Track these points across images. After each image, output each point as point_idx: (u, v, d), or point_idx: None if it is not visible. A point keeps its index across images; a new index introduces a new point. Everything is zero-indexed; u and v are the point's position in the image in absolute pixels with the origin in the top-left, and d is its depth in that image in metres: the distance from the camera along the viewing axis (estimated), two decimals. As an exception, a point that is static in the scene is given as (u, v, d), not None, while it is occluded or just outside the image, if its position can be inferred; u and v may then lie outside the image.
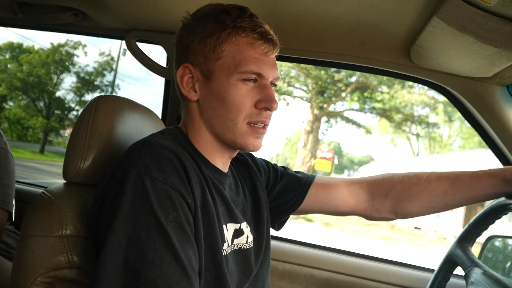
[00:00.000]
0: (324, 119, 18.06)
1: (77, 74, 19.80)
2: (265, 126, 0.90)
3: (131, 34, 1.56)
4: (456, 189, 1.03)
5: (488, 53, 1.12)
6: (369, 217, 1.16)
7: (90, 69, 19.73)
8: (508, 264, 1.63)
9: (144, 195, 0.72)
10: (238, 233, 0.95)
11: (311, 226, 13.64)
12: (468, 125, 1.54)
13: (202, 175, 0.85)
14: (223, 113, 0.87)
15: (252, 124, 0.88)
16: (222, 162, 0.95)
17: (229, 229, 0.91)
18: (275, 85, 0.93)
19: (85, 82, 19.87)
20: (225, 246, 0.88)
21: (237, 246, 0.94)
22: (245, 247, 0.96)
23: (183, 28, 0.92)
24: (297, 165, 17.09)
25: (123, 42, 1.58)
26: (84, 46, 19.63)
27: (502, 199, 1.03)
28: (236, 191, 1.02)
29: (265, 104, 0.87)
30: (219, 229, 0.85)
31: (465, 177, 1.02)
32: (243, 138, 0.88)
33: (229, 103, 0.86)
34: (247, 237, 0.98)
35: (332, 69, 15.22)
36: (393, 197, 1.10)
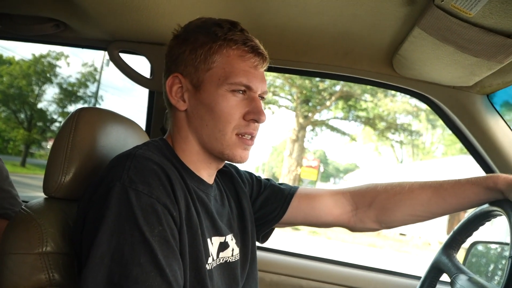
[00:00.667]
0: (309, 127, 18.15)
1: (60, 85, 19.53)
2: (252, 137, 0.91)
3: (114, 44, 1.54)
4: (440, 197, 1.03)
5: (469, 63, 1.14)
6: (353, 228, 1.16)
7: (73, 80, 19.46)
8: (491, 269, 1.64)
9: (128, 208, 0.70)
10: (223, 246, 0.93)
11: (298, 234, 13.62)
12: (450, 132, 1.57)
13: (186, 188, 0.84)
14: (212, 123, 0.87)
15: (240, 136, 0.88)
16: (208, 173, 0.94)
17: (214, 243, 0.90)
18: (263, 98, 0.94)
19: (68, 93, 19.59)
20: (210, 260, 0.86)
21: (222, 260, 0.93)
22: (230, 260, 0.95)
23: (174, 39, 0.92)
24: (283, 174, 17.10)
25: (106, 52, 1.57)
26: (67, 56, 19.41)
27: (485, 206, 1.04)
28: (222, 203, 1.01)
29: (254, 116, 0.88)
30: (203, 243, 0.84)
31: (448, 185, 1.03)
32: (231, 149, 0.88)
33: (218, 114, 0.86)
34: (233, 249, 0.96)
35: (317, 79, 15.35)
36: (376, 207, 1.10)
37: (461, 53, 1.08)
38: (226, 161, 0.94)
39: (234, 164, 1.08)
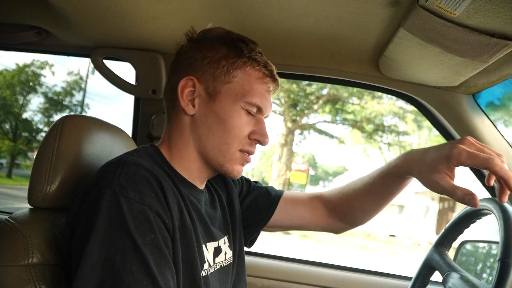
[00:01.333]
0: (297, 131, 18.22)
1: (45, 94, 19.31)
2: (252, 155, 0.93)
3: (97, 51, 1.52)
4: (377, 195, 1.04)
5: (454, 63, 1.15)
6: (333, 230, 1.18)
7: (58, 89, 19.29)
8: (479, 267, 1.66)
9: (119, 216, 0.69)
10: (217, 251, 0.93)
11: (289, 239, 13.62)
12: (437, 133, 1.58)
13: (180, 194, 0.83)
14: (220, 134, 0.87)
15: (242, 152, 0.90)
16: (200, 180, 0.94)
17: (209, 249, 0.89)
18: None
19: (54, 102, 19.37)
20: (206, 266, 0.86)
21: (219, 265, 0.92)
22: (224, 264, 0.95)
23: (191, 42, 0.92)
24: (273, 179, 17.09)
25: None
26: (51, 65, 19.23)
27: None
28: (213, 206, 1.00)
29: (259, 137, 0.91)
30: (198, 250, 0.83)
31: (378, 182, 1.02)
32: (231, 163, 0.90)
33: (229, 127, 0.87)
34: (225, 253, 0.96)
35: (304, 82, 15.43)
36: (338, 210, 1.13)
37: (446, 53, 1.09)
38: (220, 173, 0.94)
39: None
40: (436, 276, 1.23)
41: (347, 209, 1.11)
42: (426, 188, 0.86)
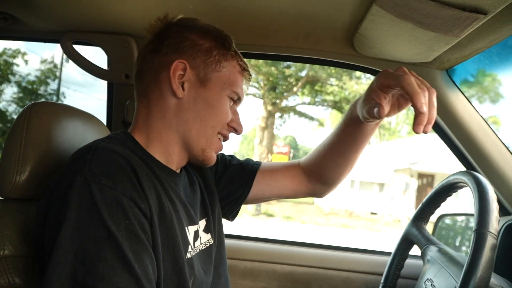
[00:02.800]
0: (277, 114, 18.25)
1: (18, 83, 18.69)
2: (225, 141, 0.99)
3: (66, 36, 1.47)
4: (345, 147, 1.07)
5: (427, 38, 1.15)
6: (315, 194, 1.21)
7: (32, 78, 18.65)
8: (458, 240, 1.70)
9: (91, 203, 0.67)
10: (196, 235, 0.93)
11: (272, 221, 13.75)
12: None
13: (156, 179, 0.82)
14: (207, 119, 0.91)
15: (219, 136, 0.96)
16: (176, 165, 0.94)
17: (190, 232, 0.89)
18: None
19: (28, 92, 18.78)
20: (189, 249, 0.86)
21: (202, 247, 0.93)
22: (202, 248, 0.95)
23: (174, 25, 0.92)
24: (255, 162, 17.14)
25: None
26: (24, 54, 18.55)
27: (452, 177, 1.07)
28: (192, 189, 1.00)
29: (236, 125, 0.97)
30: (182, 233, 0.83)
31: (340, 135, 1.06)
32: (210, 149, 0.94)
33: (217, 112, 0.92)
34: (200, 237, 0.96)
35: (283, 65, 15.39)
36: (315, 171, 1.15)
37: (419, 28, 1.09)
38: (196, 163, 0.96)
39: None
40: (415, 250, 1.26)
41: (322, 168, 1.13)
42: (404, 166, 0.88)
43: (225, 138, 0.98)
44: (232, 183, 1.13)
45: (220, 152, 1.16)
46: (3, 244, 0.78)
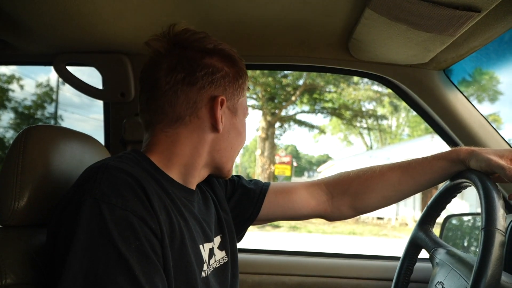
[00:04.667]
0: (277, 124, 18.27)
1: (15, 109, 18.73)
2: None
3: (59, 58, 1.46)
4: (409, 176, 1.06)
5: (422, 39, 1.14)
6: (329, 217, 1.17)
7: (28, 102, 18.68)
8: (466, 240, 1.68)
9: (101, 224, 0.65)
10: (211, 252, 0.91)
11: (278, 232, 13.67)
12: (414, 113, 1.58)
13: (168, 197, 0.80)
14: (236, 145, 0.94)
15: None
16: (194, 183, 0.92)
17: (205, 249, 0.87)
18: None
19: (25, 117, 18.80)
20: (205, 267, 0.84)
21: (216, 265, 0.91)
22: (216, 266, 0.92)
23: (198, 48, 0.87)
24: (257, 173, 17.14)
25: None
26: (19, 79, 18.58)
27: (456, 177, 1.05)
28: (206, 206, 0.98)
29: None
30: (196, 251, 0.81)
31: (415, 163, 1.06)
32: (232, 167, 0.97)
33: (243, 138, 0.96)
34: (215, 255, 0.94)
35: (280, 74, 15.46)
36: (351, 193, 1.11)
37: (414, 30, 1.09)
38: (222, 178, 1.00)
39: None
40: (424, 254, 1.24)
41: (362, 195, 1.10)
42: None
43: None
44: (241, 205, 1.11)
45: None
46: (5, 273, 0.75)
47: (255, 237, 11.03)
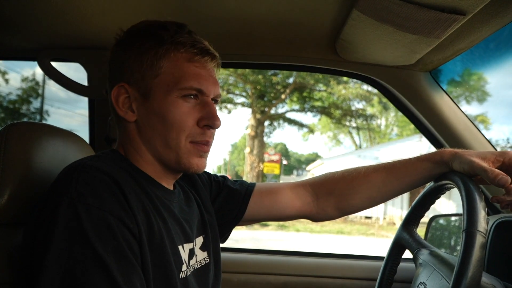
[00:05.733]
0: (267, 122, 18.29)
1: (-1, 104, 18.43)
2: (208, 143, 0.87)
3: (43, 53, 1.44)
4: (393, 177, 1.06)
5: (408, 41, 1.15)
6: (315, 218, 1.16)
7: (13, 97, 18.36)
8: (453, 240, 1.69)
9: (78, 225, 0.65)
10: (192, 252, 0.90)
11: (266, 231, 13.68)
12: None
13: (147, 197, 0.79)
14: (165, 132, 0.82)
15: (195, 143, 0.84)
16: (167, 182, 0.90)
17: (185, 250, 0.86)
18: (216, 101, 0.90)
19: (10, 112, 18.49)
20: (184, 268, 0.83)
21: (197, 266, 0.90)
22: (197, 266, 0.92)
23: (117, 45, 0.86)
24: (246, 172, 17.12)
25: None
26: (4, 73, 18.29)
27: (439, 179, 1.06)
28: (189, 206, 0.97)
29: (208, 121, 0.84)
30: (174, 252, 0.80)
31: (400, 165, 1.06)
32: (187, 157, 0.84)
33: (171, 122, 0.81)
34: (196, 255, 0.93)
35: (270, 72, 15.46)
36: (336, 194, 1.11)
37: (400, 31, 1.09)
38: (182, 172, 0.90)
39: None
40: (408, 254, 1.24)
41: (347, 195, 1.10)
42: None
43: (202, 142, 0.85)
44: (226, 206, 1.10)
45: (213, 174, 1.14)
46: (-18, 272, 0.75)
47: (243, 236, 11.03)
